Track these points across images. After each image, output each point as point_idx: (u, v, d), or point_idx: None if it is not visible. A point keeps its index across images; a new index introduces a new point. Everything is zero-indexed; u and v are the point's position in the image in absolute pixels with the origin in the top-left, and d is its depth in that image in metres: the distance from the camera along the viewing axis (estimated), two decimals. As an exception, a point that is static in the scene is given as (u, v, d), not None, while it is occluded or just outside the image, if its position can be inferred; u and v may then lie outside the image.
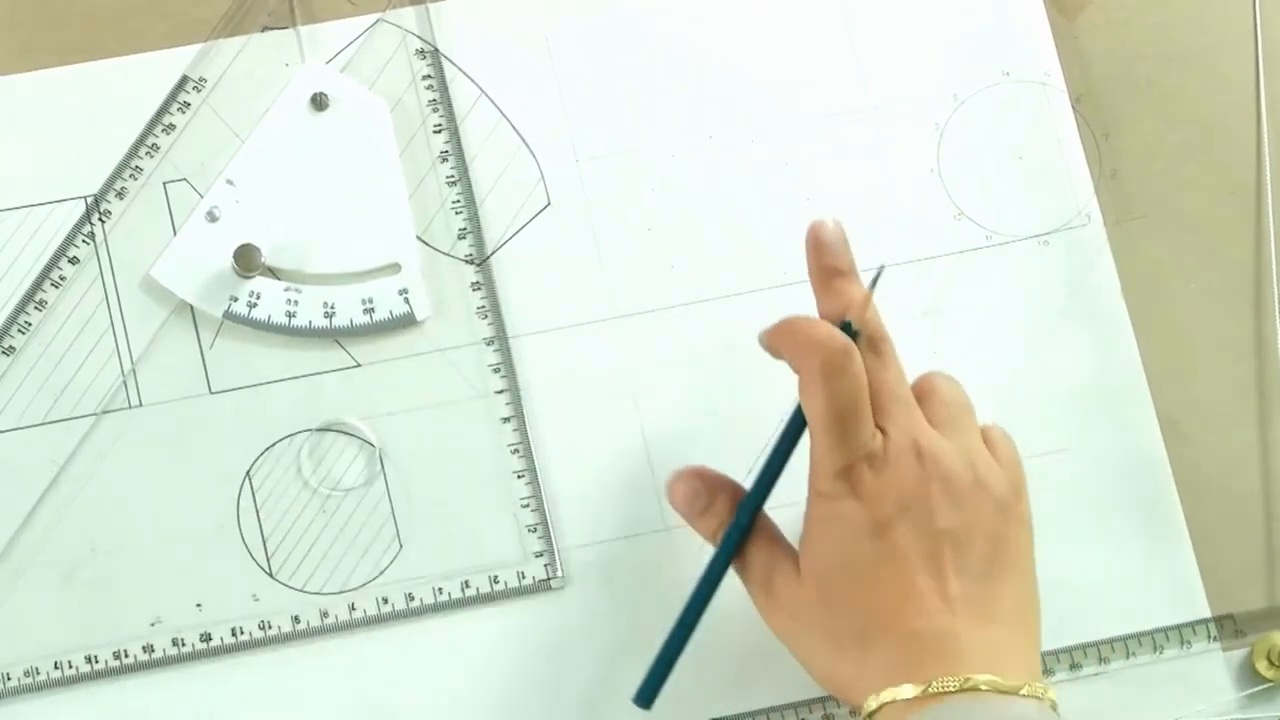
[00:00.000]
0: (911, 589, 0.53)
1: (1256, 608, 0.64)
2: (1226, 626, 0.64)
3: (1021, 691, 0.52)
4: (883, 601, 0.54)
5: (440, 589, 0.62)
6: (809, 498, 0.56)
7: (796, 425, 0.57)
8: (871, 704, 0.53)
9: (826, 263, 0.57)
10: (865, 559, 0.54)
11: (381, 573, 0.62)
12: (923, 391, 0.58)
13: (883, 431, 0.55)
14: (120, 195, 0.64)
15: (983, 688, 0.51)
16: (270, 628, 0.61)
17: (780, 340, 0.57)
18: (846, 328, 0.55)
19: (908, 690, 0.52)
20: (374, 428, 0.63)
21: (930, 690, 0.51)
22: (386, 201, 0.65)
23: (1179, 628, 0.64)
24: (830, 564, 0.55)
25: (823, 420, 0.54)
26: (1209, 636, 0.64)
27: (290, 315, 0.63)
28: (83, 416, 0.62)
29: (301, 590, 0.62)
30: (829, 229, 0.58)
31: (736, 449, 0.64)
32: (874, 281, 0.56)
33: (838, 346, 0.54)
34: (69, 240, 0.63)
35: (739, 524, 0.57)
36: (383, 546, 0.62)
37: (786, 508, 0.57)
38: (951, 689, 0.51)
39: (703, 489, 0.58)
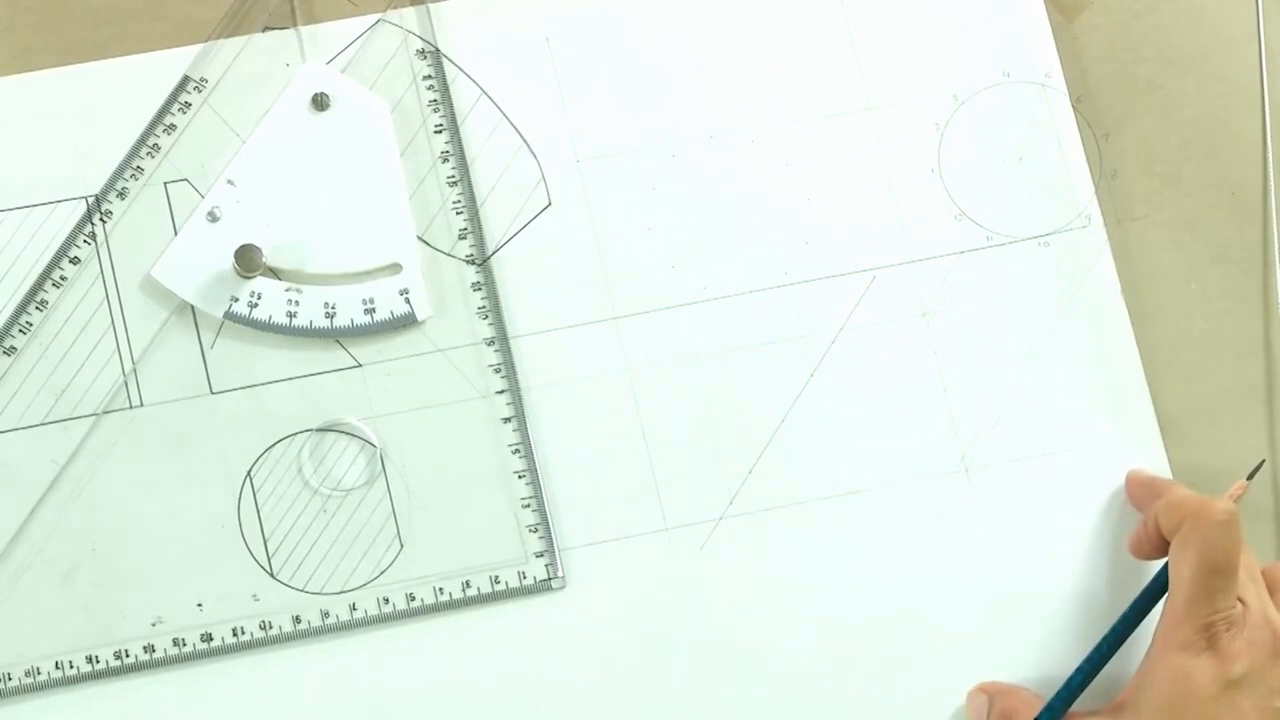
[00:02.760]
0: None
1: None
2: None
3: None
4: None
5: (441, 589, 0.62)
6: (1152, 656, 0.57)
7: (1129, 620, 0.60)
8: None
9: (1154, 481, 0.63)
10: (1206, 717, 0.54)
11: (382, 573, 0.62)
12: (1271, 580, 0.59)
13: (1242, 603, 0.56)
14: (121, 195, 0.64)
15: None
16: (271, 628, 0.61)
17: (1164, 510, 0.59)
18: None
19: None
20: (375, 428, 0.63)
21: None
22: (387, 202, 0.65)
23: None
24: (1166, 717, 0.55)
25: (1195, 571, 0.56)
26: None
27: (291, 315, 0.63)
28: (83, 417, 0.62)
29: (303, 590, 0.62)
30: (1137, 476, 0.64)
31: (736, 449, 0.65)
32: (1252, 473, 0.61)
33: (1225, 506, 0.57)
34: (70, 240, 0.63)
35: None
36: (383, 546, 0.62)
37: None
38: None
39: (985, 702, 0.61)
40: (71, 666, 0.60)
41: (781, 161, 0.67)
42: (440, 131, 0.66)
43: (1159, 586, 0.59)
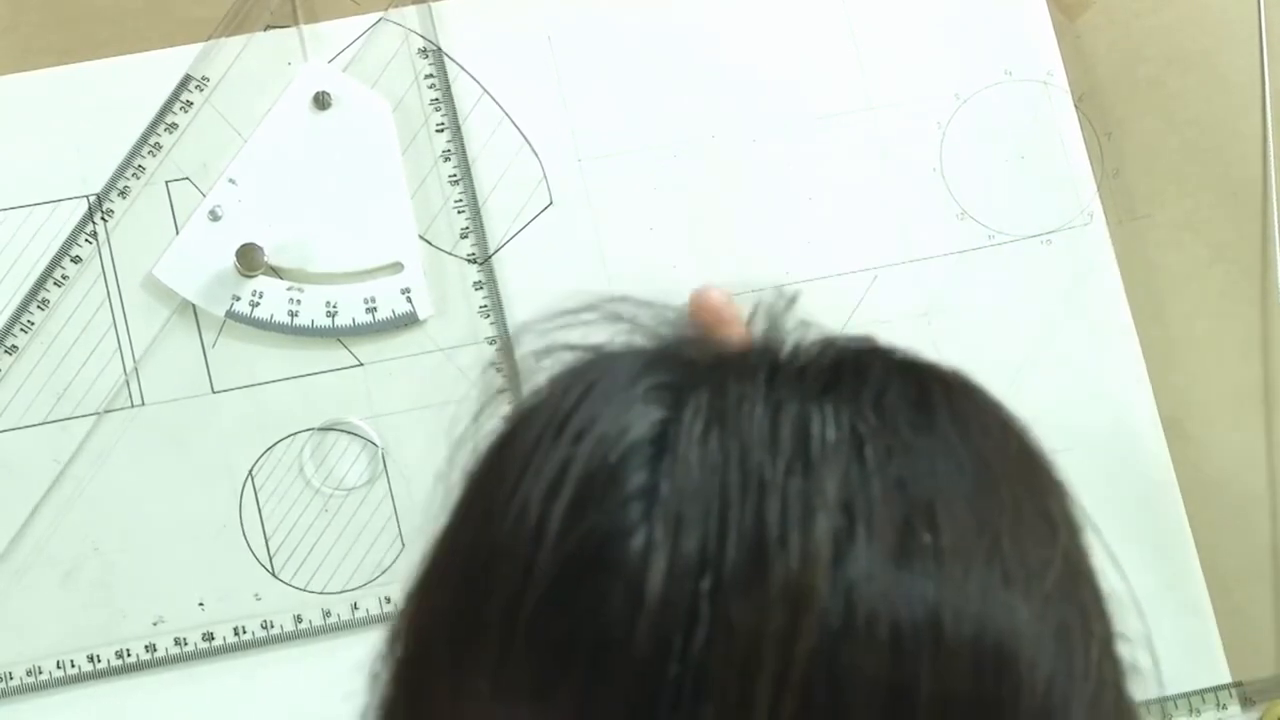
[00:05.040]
0: None
1: (1266, 674, 0.64)
2: (1235, 694, 0.64)
3: None
4: None
5: (443, 588, 0.62)
6: None
7: None
8: None
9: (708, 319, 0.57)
10: None
11: (384, 572, 0.62)
12: None
13: None
14: (123, 194, 0.64)
15: None
16: (273, 627, 0.61)
17: None
18: None
19: None
20: (376, 427, 0.63)
21: None
22: (389, 201, 0.65)
23: (1188, 695, 0.63)
24: None
25: None
26: (1218, 705, 0.64)
27: (293, 314, 0.63)
28: (85, 416, 0.62)
29: (304, 589, 0.62)
30: (714, 294, 0.56)
31: (739, 448, 0.64)
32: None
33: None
34: (71, 239, 0.63)
35: None
36: (385, 545, 0.62)
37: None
38: None
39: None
40: (73, 665, 0.60)
41: (782, 161, 0.67)
42: (442, 130, 0.66)
43: None
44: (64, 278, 0.63)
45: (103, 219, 0.64)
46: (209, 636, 0.61)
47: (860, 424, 0.31)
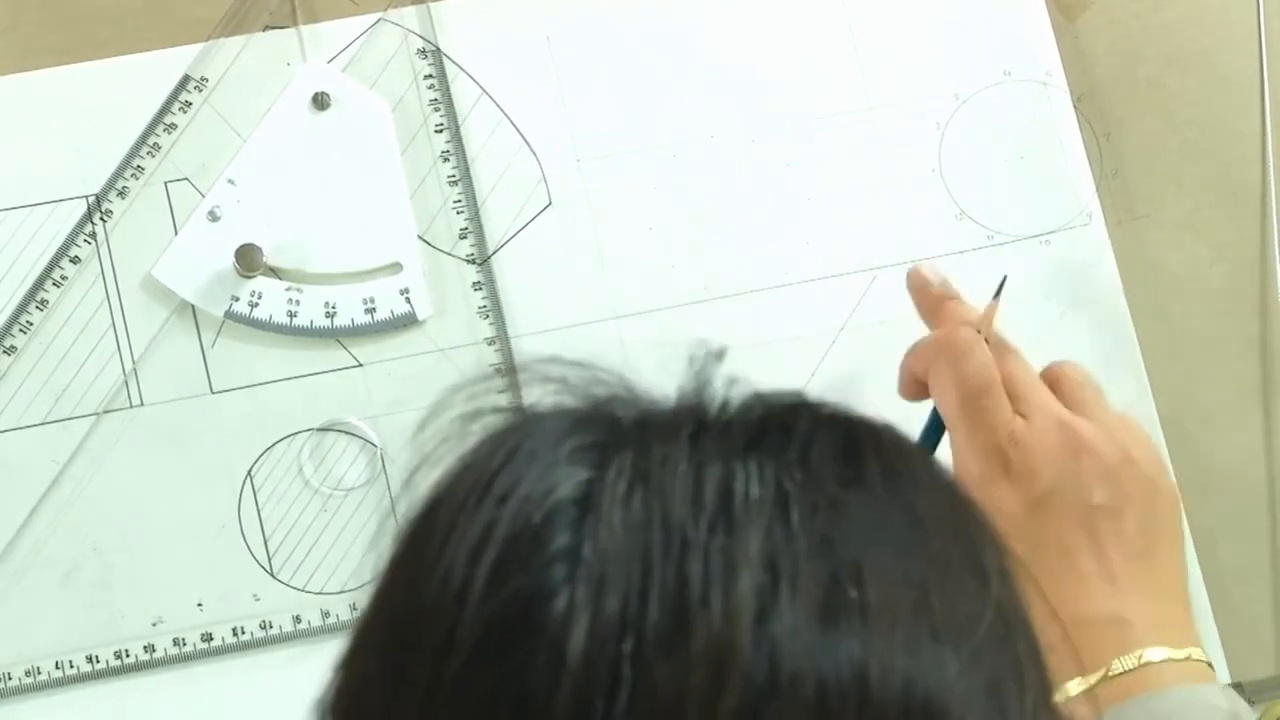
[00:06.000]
0: (1076, 574, 0.50)
1: (1266, 674, 0.64)
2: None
3: (1191, 656, 0.49)
4: (1047, 590, 0.52)
5: (442, 589, 0.62)
6: None
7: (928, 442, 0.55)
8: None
9: (935, 292, 0.57)
10: (1023, 547, 0.52)
11: (383, 572, 0.62)
12: (1052, 379, 0.55)
13: (1022, 416, 0.52)
14: (122, 195, 0.64)
15: (1156, 660, 0.48)
16: (271, 627, 0.61)
17: (912, 358, 0.55)
18: None
19: (1075, 686, 0.49)
20: (375, 427, 0.63)
21: (1109, 674, 0.49)
22: (388, 201, 0.65)
23: None
24: None
25: (958, 405, 0.52)
26: None
27: (291, 315, 0.63)
28: (84, 416, 0.62)
29: (303, 590, 0.62)
30: (930, 270, 0.57)
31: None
32: (997, 291, 0.56)
33: (961, 334, 0.53)
34: (70, 240, 0.63)
35: None
36: (385, 546, 0.62)
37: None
38: (1131, 668, 0.49)
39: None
40: (72, 666, 0.60)
41: (781, 161, 0.67)
42: (441, 131, 0.66)
43: (935, 424, 0.55)
44: (63, 278, 0.63)
45: (102, 219, 0.64)
46: (208, 637, 0.61)
47: (786, 480, 0.31)
